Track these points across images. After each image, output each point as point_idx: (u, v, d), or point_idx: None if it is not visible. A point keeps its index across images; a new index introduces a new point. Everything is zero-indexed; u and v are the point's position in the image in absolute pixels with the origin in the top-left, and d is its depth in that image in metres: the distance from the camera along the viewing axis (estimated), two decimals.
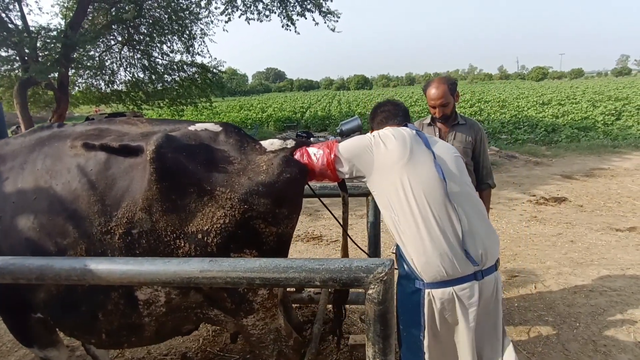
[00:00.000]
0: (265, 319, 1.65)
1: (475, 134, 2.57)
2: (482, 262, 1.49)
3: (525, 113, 16.59)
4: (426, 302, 1.49)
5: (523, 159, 9.22)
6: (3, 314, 1.76)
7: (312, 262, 1.01)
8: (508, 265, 3.82)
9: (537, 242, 4.40)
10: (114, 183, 1.49)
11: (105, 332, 1.57)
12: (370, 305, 1.00)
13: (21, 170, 1.62)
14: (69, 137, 1.64)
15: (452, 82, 2.51)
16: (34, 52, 8.90)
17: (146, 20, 11.91)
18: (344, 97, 40.50)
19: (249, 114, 23.81)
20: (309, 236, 5.01)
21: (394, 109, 1.79)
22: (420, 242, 1.46)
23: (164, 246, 1.44)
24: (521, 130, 12.68)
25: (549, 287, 3.33)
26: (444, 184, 1.50)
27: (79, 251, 1.45)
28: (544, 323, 2.82)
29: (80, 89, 12.99)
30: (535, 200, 6.02)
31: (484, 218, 1.59)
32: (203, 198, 1.43)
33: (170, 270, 1.06)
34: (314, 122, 18.96)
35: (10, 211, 1.54)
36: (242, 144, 1.61)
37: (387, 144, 1.57)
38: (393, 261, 1.02)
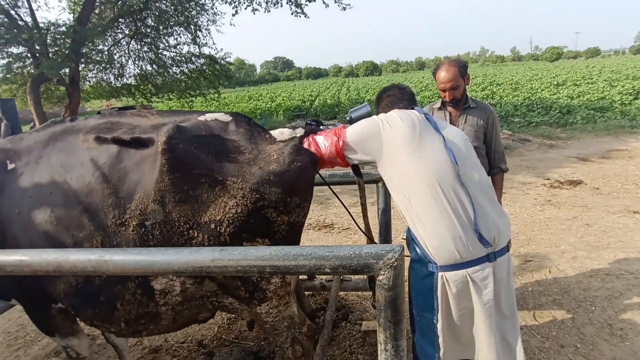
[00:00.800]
0: (279, 307, 1.67)
1: (487, 117, 2.52)
2: (495, 244, 1.49)
3: (539, 95, 16.20)
4: (439, 285, 1.50)
5: (537, 142, 9.05)
6: (25, 304, 1.82)
7: (322, 250, 1.02)
8: (522, 250, 3.79)
9: (551, 226, 4.34)
10: (126, 175, 1.51)
11: (124, 321, 1.61)
12: (381, 291, 1.00)
13: (36, 165, 1.65)
14: (81, 131, 1.66)
15: (463, 64, 2.46)
16: (45, 49, 9.00)
17: (152, 12, 11.90)
18: (352, 84, 40.09)
19: (258, 103, 23.77)
20: (320, 224, 5.03)
21: (399, 93, 1.77)
22: (432, 225, 1.46)
23: (178, 237, 1.46)
24: (535, 112, 12.40)
25: (564, 271, 3.30)
26: (456, 167, 1.49)
27: (95, 243, 1.48)
28: (558, 307, 2.80)
29: (90, 83, 13.12)
30: (550, 184, 5.92)
31: (495, 200, 1.58)
32: (215, 188, 1.45)
33: (182, 259, 1.07)
34: (323, 110, 18.84)
35: (27, 206, 1.57)
36: (252, 133, 1.62)
37: (395, 127, 1.56)
38: (403, 247, 1.01)
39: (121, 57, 12.76)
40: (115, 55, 12.52)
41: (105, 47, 12.00)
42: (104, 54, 11.73)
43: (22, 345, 2.91)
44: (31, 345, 2.91)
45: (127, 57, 12.81)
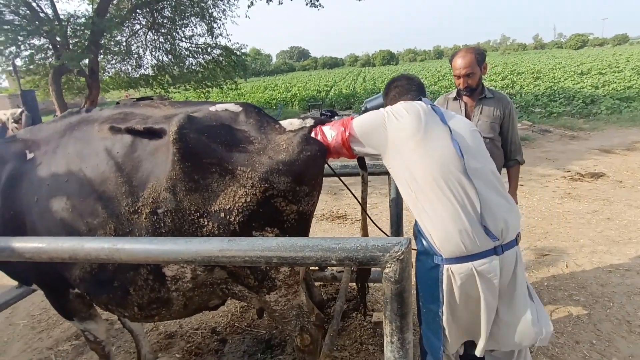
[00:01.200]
0: (288, 296, 1.69)
1: (504, 108, 2.46)
2: (503, 237, 1.47)
3: (562, 84, 15.69)
4: (445, 277, 1.49)
5: (558, 133, 8.81)
6: (45, 289, 1.88)
7: (329, 241, 1.02)
8: (538, 244, 3.71)
9: (570, 220, 4.23)
10: (139, 164, 1.54)
11: (137, 306, 1.65)
12: (387, 284, 1.00)
13: (54, 154, 1.69)
14: (97, 121, 1.70)
15: (480, 52, 2.40)
16: (65, 40, 9.18)
17: (169, 3, 11.97)
18: (369, 74, 39.65)
19: (274, 94, 23.78)
20: (334, 215, 5.03)
21: (407, 83, 1.74)
22: (438, 217, 1.45)
23: (189, 225, 1.49)
24: (556, 102, 12.03)
25: (582, 266, 3.22)
26: (462, 160, 1.47)
27: (108, 230, 1.52)
28: (574, 303, 2.74)
29: (110, 74, 13.34)
30: (570, 176, 5.77)
31: (503, 193, 1.55)
32: (225, 177, 1.46)
33: (192, 249, 1.09)
34: (339, 101, 18.73)
35: (45, 193, 1.62)
36: (262, 123, 1.62)
37: (400, 119, 1.54)
38: (410, 240, 1.00)
39: (139, 48, 12.92)
40: (132, 46, 12.68)
41: (123, 38, 12.18)
42: (122, 45, 11.90)
43: (45, 328, 3.03)
44: (53, 328, 3.02)
45: (144, 48, 12.97)
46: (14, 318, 3.24)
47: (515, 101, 13.00)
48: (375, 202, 5.29)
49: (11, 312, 3.28)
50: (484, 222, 1.44)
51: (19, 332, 3.03)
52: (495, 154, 2.48)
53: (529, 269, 3.26)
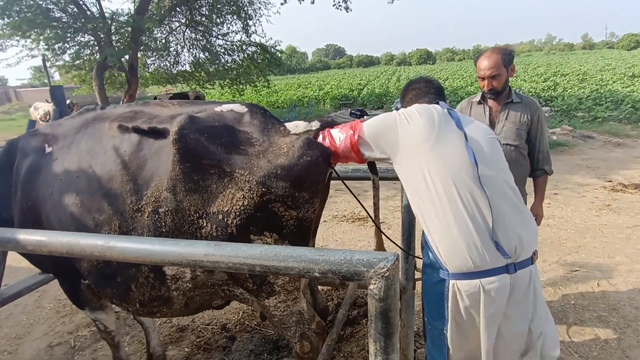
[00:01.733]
0: (287, 302, 1.66)
1: (532, 114, 2.31)
2: (516, 254, 1.36)
3: (609, 87, 14.72)
4: (450, 293, 1.40)
5: (601, 139, 8.27)
6: (59, 278, 1.97)
7: (313, 252, 0.97)
8: (569, 258, 3.49)
9: (607, 234, 3.95)
10: (144, 163, 1.56)
11: (138, 302, 1.68)
12: (372, 301, 0.94)
13: (68, 150, 1.75)
14: (108, 119, 1.74)
15: (508, 53, 2.26)
16: (108, 37, 9.61)
17: (206, 1, 12.27)
18: (404, 73, 38.98)
19: (306, 91, 23.86)
20: (355, 217, 4.97)
21: (425, 86, 1.66)
22: (446, 228, 1.36)
23: (188, 225, 1.49)
24: (602, 106, 11.28)
25: (615, 286, 2.99)
26: (475, 168, 1.37)
27: (113, 227, 1.55)
28: (603, 325, 2.55)
29: (150, 70, 13.85)
30: (611, 187, 5.39)
31: (520, 207, 1.44)
32: (223, 179, 1.45)
33: (177, 252, 1.08)
34: (371, 100, 18.53)
35: (58, 187, 1.68)
36: (266, 125, 1.59)
37: (412, 123, 1.46)
38: (398, 256, 0.94)
39: (177, 45, 13.34)
40: (171, 43, 13.10)
41: (162, 35, 12.61)
42: (161, 42, 12.33)
43: (69, 313, 3.18)
44: (76, 313, 3.16)
45: (182, 45, 13.37)
46: (42, 301, 3.42)
47: (556, 104, 12.34)
48: (393, 206, 5.18)
49: (40, 295, 3.47)
50: (496, 237, 1.33)
51: (44, 315, 3.19)
52: (521, 163, 2.34)
53: (555, 284, 3.06)
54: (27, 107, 16.91)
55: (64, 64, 10.67)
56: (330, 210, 5.24)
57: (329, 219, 4.99)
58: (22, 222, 1.81)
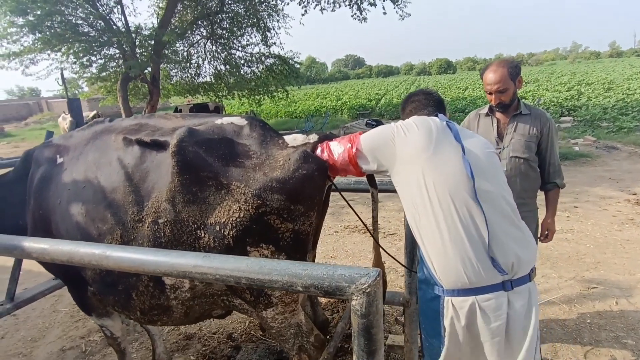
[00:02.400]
0: (285, 314, 1.66)
1: (542, 126, 2.26)
2: (513, 271, 1.33)
3: (637, 96, 14.22)
4: (446, 310, 1.37)
5: (627, 150, 7.97)
6: (67, 284, 2.03)
7: (297, 266, 0.98)
8: (586, 275, 3.36)
9: (629, 250, 3.79)
10: (146, 175, 1.60)
11: (139, 310, 1.72)
12: (354, 317, 0.93)
13: (77, 160, 1.82)
14: (115, 131, 1.80)
15: (514, 65, 2.23)
16: (132, 50, 9.99)
17: (227, 15, 12.61)
18: (423, 83, 38.74)
19: (324, 101, 24.02)
20: None
21: (424, 98, 1.65)
22: (440, 243, 1.33)
23: (187, 236, 1.52)
24: (628, 116, 10.89)
25: (635, 305, 2.86)
26: (471, 182, 1.34)
27: (116, 237, 1.60)
28: (620, 346, 2.43)
29: (172, 82, 14.28)
30: (636, 200, 5.18)
31: (517, 223, 1.40)
32: (221, 191, 1.48)
33: (169, 262, 1.10)
34: (388, 110, 18.49)
35: (66, 197, 1.75)
36: (265, 138, 1.62)
37: (409, 135, 1.45)
38: (379, 272, 0.94)
39: (198, 57, 13.72)
40: (193, 56, 13.50)
41: (184, 48, 13.01)
42: (182, 55, 12.71)
43: (82, 317, 3.26)
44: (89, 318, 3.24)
45: (203, 57, 13.75)
46: (58, 305, 3.53)
47: (579, 114, 12.00)
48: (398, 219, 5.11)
49: (57, 300, 3.58)
50: (492, 252, 1.30)
51: (60, 319, 3.29)
52: (531, 176, 2.29)
53: (570, 302, 2.95)
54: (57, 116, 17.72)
55: (91, 75, 11.14)
56: (342, 220, 5.23)
57: (341, 229, 4.97)
58: (34, 230, 1.88)
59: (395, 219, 5.04)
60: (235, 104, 22.50)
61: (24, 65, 9.48)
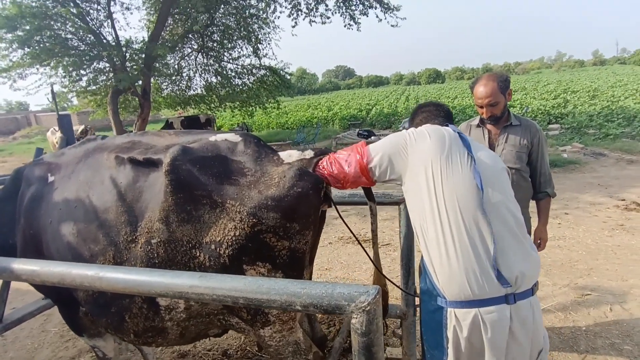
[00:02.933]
0: (282, 332, 1.64)
1: (532, 137, 2.29)
2: (517, 285, 1.33)
3: (621, 103, 14.55)
4: (449, 322, 1.37)
5: (614, 156, 8.12)
6: (58, 304, 1.99)
7: (295, 285, 0.97)
8: (580, 282, 3.38)
9: (620, 256, 3.83)
10: (139, 194, 1.58)
11: (133, 332, 1.68)
12: (354, 335, 0.93)
13: (68, 179, 1.80)
14: (107, 149, 1.78)
15: (504, 79, 2.26)
16: (123, 64, 9.97)
17: (217, 28, 12.68)
18: (413, 93, 39.21)
19: (315, 112, 24.15)
20: (361, 238, 4.92)
21: (435, 109, 1.66)
22: (445, 253, 1.34)
23: (181, 256, 1.50)
24: (614, 123, 11.14)
25: (629, 311, 2.88)
26: (480, 194, 1.35)
27: (108, 257, 1.57)
28: (617, 353, 2.44)
29: (162, 95, 14.24)
30: (625, 206, 5.26)
31: (521, 237, 1.40)
32: (215, 210, 1.46)
33: (164, 282, 1.09)
34: (379, 120, 18.64)
35: (57, 216, 1.72)
36: (260, 155, 1.61)
37: (422, 142, 1.44)
38: (379, 289, 0.93)
39: (189, 70, 13.74)
40: (184, 68, 13.51)
41: (175, 61, 13.03)
42: (173, 67, 12.71)
43: (72, 337, 3.18)
44: (79, 338, 3.16)
45: (194, 70, 13.77)
46: (47, 325, 3.44)
47: (566, 122, 12.22)
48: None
49: (46, 319, 3.49)
50: (496, 265, 1.31)
51: (49, 339, 3.20)
52: (522, 186, 2.31)
53: (566, 309, 2.96)
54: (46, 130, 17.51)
55: (81, 89, 11.07)
56: (336, 231, 5.21)
57: (335, 240, 4.96)
58: (24, 249, 1.85)
59: (389, 229, 5.04)
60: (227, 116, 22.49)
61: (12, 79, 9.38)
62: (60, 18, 9.12)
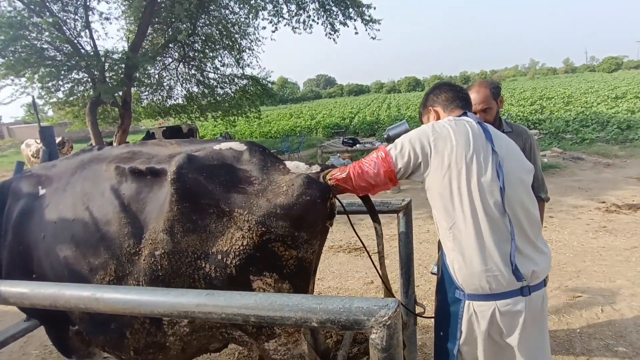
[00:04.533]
0: (288, 345, 1.59)
1: (524, 142, 2.33)
2: (531, 279, 1.36)
3: (594, 109, 15.12)
4: (465, 314, 1.39)
5: (591, 160, 8.38)
6: (46, 325, 1.88)
7: (310, 300, 0.93)
8: (570, 284, 3.43)
9: (606, 257, 3.92)
10: (142, 205, 1.52)
11: (133, 350, 1.60)
12: (374, 351, 0.89)
13: (63, 192, 1.71)
14: (105, 160, 1.72)
15: (495, 85, 2.30)
16: (102, 74, 9.75)
17: (199, 38, 12.58)
18: (394, 101, 39.79)
19: (298, 121, 24.18)
20: (351, 247, 4.90)
21: (453, 94, 1.62)
22: (467, 249, 1.35)
23: (186, 267, 1.44)
24: (589, 128, 11.54)
25: (620, 311, 2.93)
26: (502, 192, 1.36)
27: (109, 272, 1.50)
28: (612, 354, 2.47)
29: (143, 105, 13.98)
30: (605, 208, 5.40)
31: (537, 232, 1.44)
32: (222, 219, 1.42)
33: (168, 302, 1.03)
34: (362, 128, 18.78)
35: (51, 231, 1.63)
36: (266, 163, 1.58)
37: (447, 138, 1.40)
38: (399, 303, 0.90)
39: (170, 80, 13.55)
40: (164, 78, 13.32)
41: (156, 71, 12.83)
42: (154, 77, 12.52)
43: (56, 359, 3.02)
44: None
45: (175, 79, 13.59)
46: (28, 347, 3.26)
47: (544, 127, 12.59)
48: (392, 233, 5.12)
49: (26, 341, 3.31)
50: (514, 261, 1.33)
51: None
52: None
53: (559, 312, 3.00)
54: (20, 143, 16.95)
55: (57, 100, 10.75)
56: (327, 240, 5.17)
57: (325, 249, 4.91)
58: (10, 267, 1.74)
59: None
60: (209, 126, 22.27)
61: None
62: (36, 28, 8.87)
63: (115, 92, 9.85)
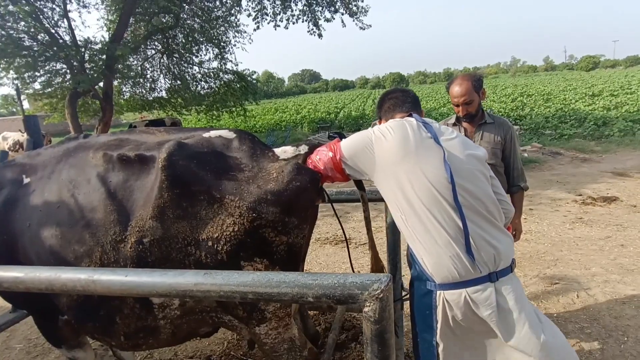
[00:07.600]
0: (278, 329, 1.63)
1: (505, 133, 2.42)
2: (496, 264, 1.41)
3: (573, 106, 15.57)
4: (439, 304, 1.43)
5: (569, 155, 8.66)
6: (34, 315, 1.86)
7: (305, 277, 0.97)
8: (548, 272, 3.57)
9: (581, 246, 4.09)
10: (129, 192, 1.52)
11: (123, 335, 1.61)
12: (367, 324, 0.94)
13: (48, 180, 1.70)
14: (92, 147, 1.70)
15: (477, 78, 2.37)
16: (81, 65, 9.50)
17: (182, 30, 12.37)
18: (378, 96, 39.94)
19: (284, 115, 24.09)
20: (338, 239, 4.96)
21: (402, 95, 1.69)
22: (429, 242, 1.40)
23: (176, 253, 1.46)
24: (567, 124, 11.91)
25: (594, 297, 3.08)
26: (451, 185, 1.39)
27: (94, 259, 1.50)
28: (586, 336, 2.60)
29: (125, 97, 13.68)
30: (582, 200, 5.62)
31: (494, 219, 1.46)
32: (213, 206, 1.43)
33: (166, 282, 1.05)
34: (348, 122, 18.86)
35: (37, 219, 1.62)
36: (255, 151, 1.60)
37: (386, 140, 1.46)
38: (390, 277, 0.95)
39: (153, 71, 13.30)
40: (147, 70, 13.06)
41: (138, 62, 12.56)
42: (137, 69, 12.26)
43: (40, 353, 2.99)
44: (48, 353, 2.98)
45: (158, 72, 13.34)
46: (11, 341, 3.21)
47: (525, 123, 12.90)
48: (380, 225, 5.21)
49: (9, 335, 3.26)
50: (470, 251, 1.37)
51: (14, 356, 2.99)
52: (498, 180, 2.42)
53: (537, 298, 3.12)
54: None
55: (34, 92, 10.44)
56: (313, 232, 5.21)
57: (312, 241, 4.96)
58: None
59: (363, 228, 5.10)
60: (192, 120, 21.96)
61: None
62: (11, 16, 8.57)
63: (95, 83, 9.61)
